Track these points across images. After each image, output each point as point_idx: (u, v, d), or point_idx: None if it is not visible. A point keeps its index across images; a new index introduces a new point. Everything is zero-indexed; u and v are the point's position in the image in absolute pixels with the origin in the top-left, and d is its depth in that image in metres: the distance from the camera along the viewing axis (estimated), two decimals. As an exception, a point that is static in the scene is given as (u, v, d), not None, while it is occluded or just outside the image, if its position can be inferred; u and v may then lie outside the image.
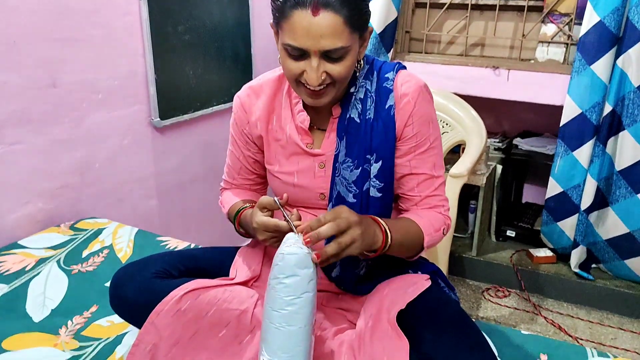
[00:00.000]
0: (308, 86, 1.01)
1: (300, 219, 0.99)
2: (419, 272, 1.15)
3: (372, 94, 1.10)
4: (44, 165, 1.68)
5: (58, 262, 1.51)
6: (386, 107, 1.08)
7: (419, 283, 1.08)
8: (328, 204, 1.14)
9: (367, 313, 1.03)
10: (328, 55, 0.98)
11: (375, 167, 1.09)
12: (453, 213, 1.83)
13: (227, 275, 1.18)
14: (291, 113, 1.15)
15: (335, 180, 1.11)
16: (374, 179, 1.10)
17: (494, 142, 2.74)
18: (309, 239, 0.90)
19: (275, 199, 1.00)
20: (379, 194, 1.10)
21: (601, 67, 2.15)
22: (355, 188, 1.10)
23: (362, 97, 1.10)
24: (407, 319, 0.99)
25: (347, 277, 1.13)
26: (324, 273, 1.15)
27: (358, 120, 1.09)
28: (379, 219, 1.02)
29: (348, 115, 1.10)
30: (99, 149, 1.85)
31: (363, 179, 1.10)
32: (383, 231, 0.99)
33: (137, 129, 1.99)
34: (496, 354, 0.96)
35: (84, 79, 1.75)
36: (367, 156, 1.09)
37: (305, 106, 1.13)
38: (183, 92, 2.13)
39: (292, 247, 0.90)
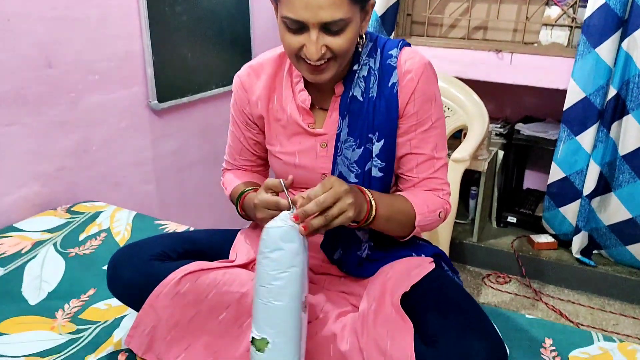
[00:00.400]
0: (308, 61, 0.98)
1: None
2: (423, 255, 1.13)
3: (376, 72, 1.06)
4: (40, 148, 1.65)
5: (55, 245, 1.48)
6: (389, 84, 1.05)
7: (422, 266, 1.06)
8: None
9: (370, 296, 1.01)
10: (328, 28, 0.95)
11: (377, 146, 1.06)
12: (454, 198, 1.80)
13: (227, 257, 1.16)
14: (292, 92, 1.12)
15: (337, 160, 1.08)
16: (376, 159, 1.07)
17: (496, 127, 2.71)
18: (296, 215, 0.88)
19: (281, 180, 0.98)
20: (381, 174, 1.08)
21: (606, 50, 2.12)
22: (357, 168, 1.07)
23: (365, 74, 1.07)
24: (411, 302, 0.97)
25: (349, 259, 1.11)
26: (326, 255, 1.13)
27: (361, 99, 1.06)
28: (365, 190, 1.00)
29: (351, 94, 1.07)
30: (95, 131, 1.82)
31: (365, 158, 1.07)
32: (368, 202, 0.98)
33: (135, 112, 1.96)
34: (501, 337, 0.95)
35: (79, 60, 1.71)
36: (370, 135, 1.06)
37: (306, 85, 1.10)
38: (181, 74, 2.10)
39: (277, 221, 0.88)
